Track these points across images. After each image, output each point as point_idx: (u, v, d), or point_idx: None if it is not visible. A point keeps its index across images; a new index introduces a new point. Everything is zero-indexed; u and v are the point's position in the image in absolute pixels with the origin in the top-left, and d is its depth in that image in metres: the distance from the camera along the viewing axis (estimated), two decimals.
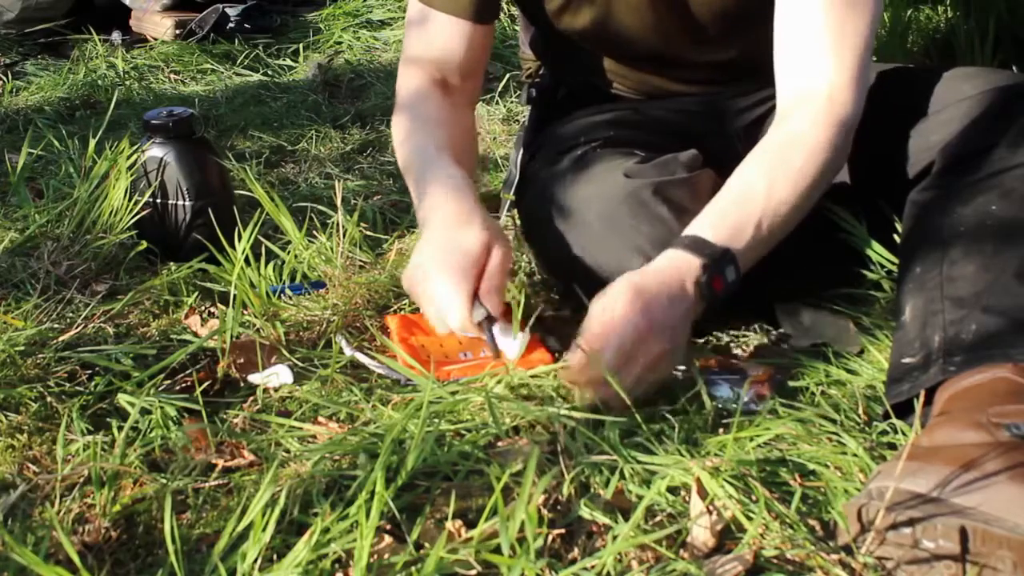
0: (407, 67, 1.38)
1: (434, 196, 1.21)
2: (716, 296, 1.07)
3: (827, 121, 1.13)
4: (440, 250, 1.14)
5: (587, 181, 1.22)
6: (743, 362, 1.17)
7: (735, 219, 1.09)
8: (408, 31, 1.38)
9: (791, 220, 1.12)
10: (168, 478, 0.99)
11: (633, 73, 1.42)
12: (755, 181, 1.11)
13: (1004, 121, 1.14)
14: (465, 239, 1.14)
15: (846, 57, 1.14)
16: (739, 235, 1.08)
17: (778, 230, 1.11)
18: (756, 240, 1.09)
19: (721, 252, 1.07)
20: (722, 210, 1.10)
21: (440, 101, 1.34)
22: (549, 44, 1.50)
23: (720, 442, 1.00)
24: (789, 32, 1.18)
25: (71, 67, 2.72)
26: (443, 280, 1.12)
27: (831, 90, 1.14)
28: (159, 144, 1.52)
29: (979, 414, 0.89)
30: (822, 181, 1.14)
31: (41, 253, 1.46)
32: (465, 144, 1.35)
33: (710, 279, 1.05)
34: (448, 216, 1.17)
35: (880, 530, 0.82)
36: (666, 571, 0.83)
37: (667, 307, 1.04)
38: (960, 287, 1.02)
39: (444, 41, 1.33)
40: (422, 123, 1.32)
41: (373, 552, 0.85)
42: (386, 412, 1.09)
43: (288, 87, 2.61)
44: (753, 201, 1.10)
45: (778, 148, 1.14)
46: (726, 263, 1.07)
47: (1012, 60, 2.13)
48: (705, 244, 1.07)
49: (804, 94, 1.16)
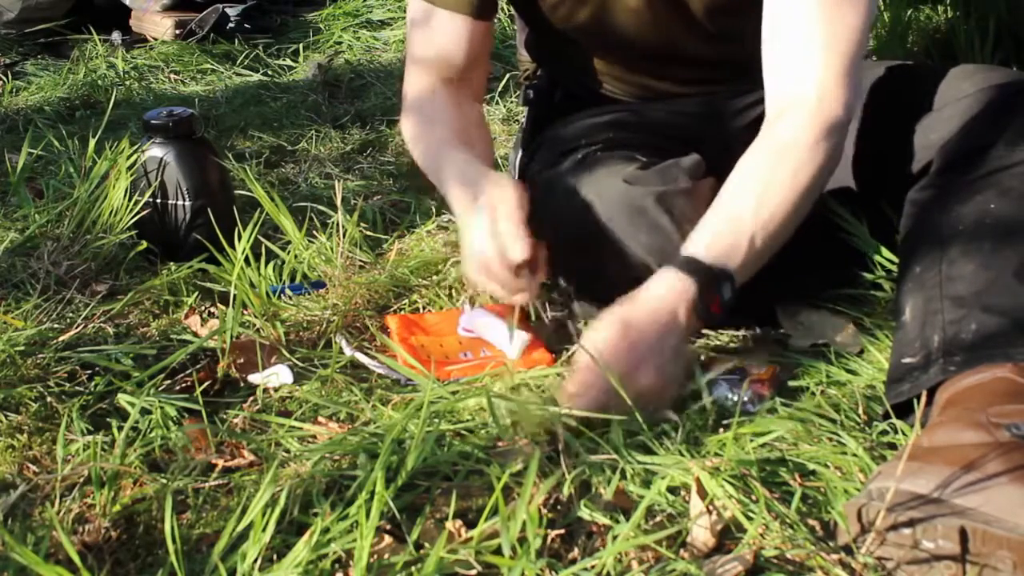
0: (412, 67, 1.38)
1: (455, 186, 1.22)
2: (713, 316, 1.07)
3: (816, 127, 1.11)
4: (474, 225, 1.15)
5: (587, 185, 1.21)
6: (743, 362, 1.17)
7: (728, 237, 1.08)
8: (410, 31, 1.38)
9: (785, 231, 1.11)
10: (168, 478, 0.99)
11: (629, 74, 1.42)
12: (745, 197, 1.10)
13: (1003, 119, 1.14)
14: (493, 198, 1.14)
15: (836, 59, 1.12)
16: (734, 253, 1.07)
17: (772, 241, 1.10)
18: (750, 255, 1.08)
19: (716, 272, 1.06)
20: (715, 229, 1.10)
21: (447, 98, 1.35)
22: (545, 44, 1.50)
23: (720, 442, 1.00)
24: (777, 33, 1.17)
25: (71, 67, 2.72)
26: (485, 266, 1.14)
27: (820, 93, 1.12)
28: (159, 144, 1.52)
29: (979, 414, 0.89)
30: (814, 188, 1.13)
31: (41, 253, 1.46)
32: (478, 135, 1.36)
33: (707, 301, 1.05)
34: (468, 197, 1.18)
35: (880, 530, 0.82)
36: (666, 571, 0.83)
37: (655, 343, 1.04)
38: (959, 286, 1.02)
39: (445, 38, 1.34)
40: (431, 122, 1.34)
41: (373, 552, 0.85)
42: (386, 412, 1.09)
43: (288, 87, 2.61)
44: (744, 218, 1.09)
45: (766, 160, 1.13)
46: (722, 282, 1.06)
47: (1012, 60, 2.13)
48: (700, 265, 1.07)
49: (793, 99, 1.14)
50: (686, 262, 1.07)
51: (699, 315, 1.06)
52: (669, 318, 1.05)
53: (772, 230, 1.09)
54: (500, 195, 1.14)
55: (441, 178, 1.27)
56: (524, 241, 1.11)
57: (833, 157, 1.14)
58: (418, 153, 1.35)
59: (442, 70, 1.36)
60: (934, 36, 2.37)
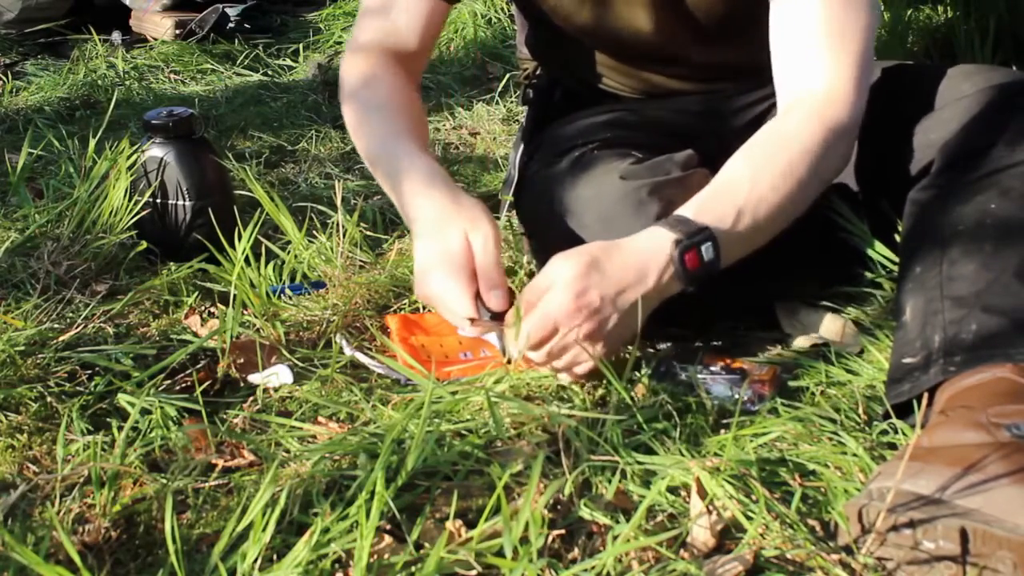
0: (355, 54, 1.34)
1: (413, 194, 1.17)
2: (691, 273, 1.05)
3: (820, 121, 1.11)
4: (431, 255, 1.12)
5: (586, 183, 1.22)
6: (743, 362, 1.17)
7: (717, 204, 1.08)
8: (363, 16, 1.35)
9: (778, 215, 1.10)
10: (168, 478, 0.99)
11: (630, 71, 1.42)
12: (739, 172, 1.10)
13: (1003, 119, 1.14)
14: (449, 240, 1.11)
15: (845, 60, 1.13)
16: (721, 219, 1.07)
17: (764, 223, 1.09)
18: (739, 228, 1.07)
19: (698, 228, 1.05)
20: (705, 196, 1.10)
21: (392, 84, 1.30)
22: (545, 43, 1.50)
23: (720, 442, 1.00)
24: (786, 34, 1.17)
25: (71, 67, 2.72)
26: (443, 287, 1.11)
27: (829, 92, 1.13)
28: (159, 144, 1.52)
29: (979, 414, 0.89)
30: (812, 180, 1.12)
31: (41, 253, 1.46)
32: (421, 124, 1.32)
33: (682, 252, 1.04)
34: (431, 216, 1.14)
35: (880, 531, 0.82)
36: (666, 571, 0.83)
37: (613, 288, 1.03)
38: (960, 286, 1.02)
39: (406, 16, 1.32)
40: (378, 109, 1.28)
41: (373, 552, 0.85)
42: (386, 412, 1.09)
43: (288, 87, 2.61)
44: (735, 191, 1.08)
45: (764, 142, 1.13)
46: (703, 239, 1.05)
47: (1012, 60, 2.14)
48: (683, 220, 1.06)
49: (800, 95, 1.15)
50: (673, 219, 1.07)
51: (677, 274, 1.05)
52: (639, 270, 1.04)
53: (763, 212, 1.08)
54: (480, 233, 1.10)
55: (397, 179, 1.20)
56: (504, 292, 1.10)
57: (837, 156, 1.14)
58: (364, 143, 1.29)
59: (393, 52, 1.33)
60: (934, 36, 2.38)
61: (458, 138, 2.21)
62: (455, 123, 2.31)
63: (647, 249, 1.05)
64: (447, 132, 2.25)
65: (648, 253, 1.05)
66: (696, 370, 1.13)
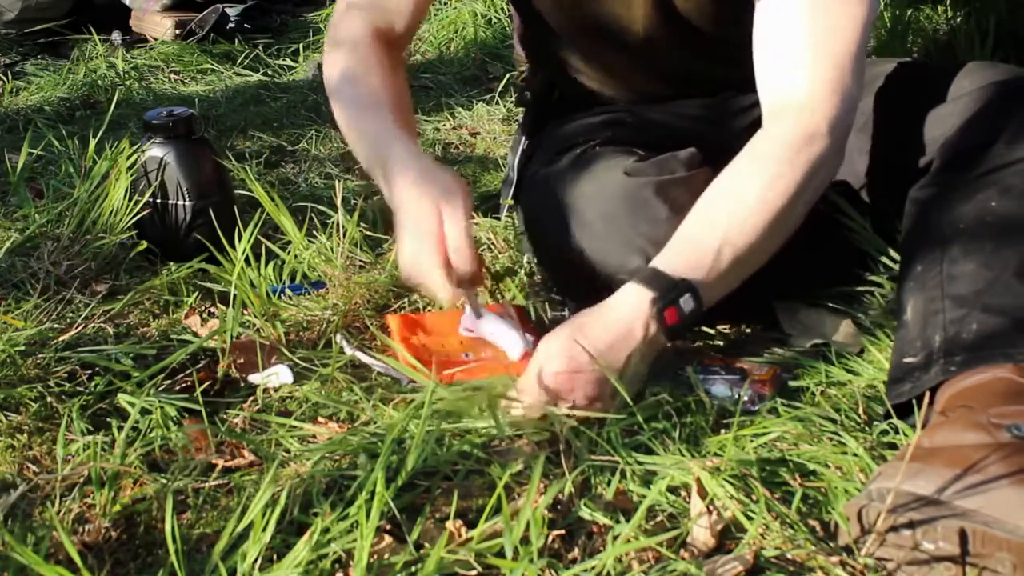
0: (337, 48, 1.30)
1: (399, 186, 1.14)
2: (673, 328, 1.04)
3: (797, 136, 1.07)
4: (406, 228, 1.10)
5: (588, 179, 1.21)
6: (743, 362, 1.17)
7: (693, 249, 1.06)
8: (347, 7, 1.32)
9: (760, 244, 1.07)
10: (168, 478, 0.99)
11: (627, 77, 1.41)
12: (713, 205, 1.08)
13: (1003, 117, 1.14)
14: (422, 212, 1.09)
15: (827, 63, 1.08)
16: (697, 265, 1.04)
17: (746, 255, 1.06)
18: (719, 268, 1.04)
19: (674, 283, 1.03)
20: (680, 241, 1.07)
21: (379, 77, 1.27)
22: (541, 43, 1.49)
23: (720, 442, 1.00)
24: (766, 38, 1.14)
25: (71, 67, 2.71)
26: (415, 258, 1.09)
27: (807, 100, 1.08)
28: (159, 144, 1.52)
29: (980, 415, 0.89)
30: (794, 200, 1.07)
31: (41, 253, 1.46)
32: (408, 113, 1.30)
33: (660, 311, 1.03)
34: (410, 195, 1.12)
35: (881, 531, 0.82)
36: (666, 571, 0.83)
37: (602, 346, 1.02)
38: (960, 285, 1.02)
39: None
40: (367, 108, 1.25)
41: (373, 552, 0.85)
42: (386, 412, 1.09)
43: (288, 87, 2.61)
44: (712, 229, 1.06)
45: (740, 172, 1.09)
46: (679, 293, 1.03)
47: (1012, 59, 2.13)
48: (659, 276, 1.04)
49: (779, 106, 1.11)
50: (648, 273, 1.05)
51: (660, 330, 1.03)
52: (620, 332, 1.03)
53: (743, 244, 1.05)
54: (449, 202, 1.09)
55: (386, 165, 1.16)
56: (470, 253, 1.08)
57: (818, 165, 1.08)
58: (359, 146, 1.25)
59: (383, 35, 1.30)
60: (934, 36, 2.38)
61: (458, 138, 2.21)
62: (455, 123, 2.31)
63: (626, 311, 1.04)
64: (447, 132, 2.25)
65: (628, 315, 1.04)
66: (696, 370, 1.13)
